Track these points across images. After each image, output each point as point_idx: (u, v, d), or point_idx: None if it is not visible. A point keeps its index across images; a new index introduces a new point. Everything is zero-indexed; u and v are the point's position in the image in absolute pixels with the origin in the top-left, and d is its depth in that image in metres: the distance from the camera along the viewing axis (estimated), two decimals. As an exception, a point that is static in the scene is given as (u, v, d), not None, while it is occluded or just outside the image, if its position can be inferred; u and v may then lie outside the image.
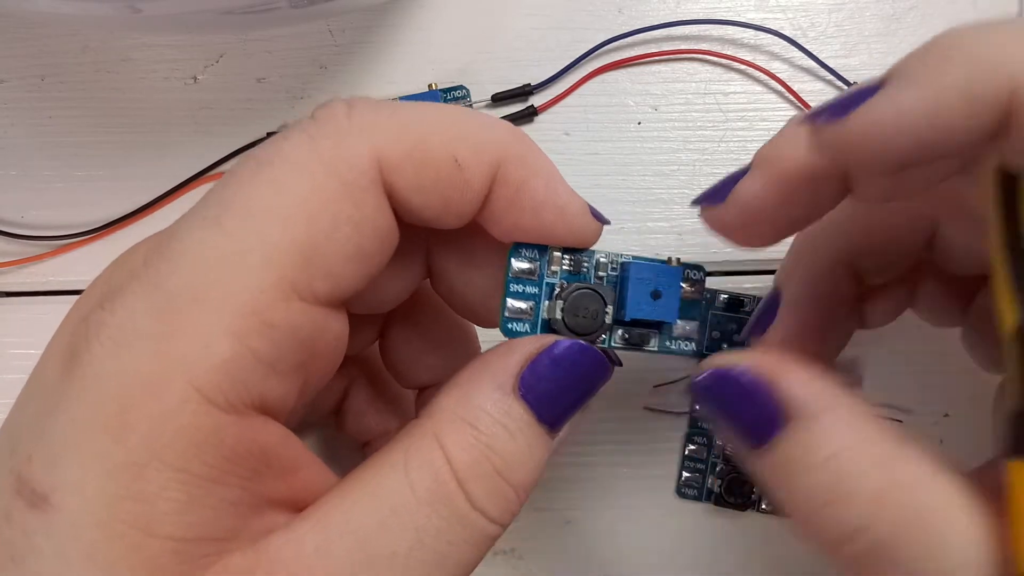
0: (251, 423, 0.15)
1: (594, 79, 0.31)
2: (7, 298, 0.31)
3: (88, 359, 0.14)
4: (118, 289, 0.15)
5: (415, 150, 0.16)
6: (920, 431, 0.31)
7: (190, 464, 0.14)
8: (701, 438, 0.30)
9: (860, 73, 0.31)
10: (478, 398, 0.17)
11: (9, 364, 0.30)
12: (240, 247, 0.15)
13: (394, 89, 0.31)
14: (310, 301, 0.15)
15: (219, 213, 0.15)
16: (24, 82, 0.31)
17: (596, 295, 0.19)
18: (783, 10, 0.32)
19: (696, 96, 0.31)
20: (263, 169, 0.16)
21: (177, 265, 0.15)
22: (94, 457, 0.14)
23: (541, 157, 0.18)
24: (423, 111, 0.17)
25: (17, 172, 0.31)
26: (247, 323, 0.14)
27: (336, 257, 0.16)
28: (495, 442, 0.17)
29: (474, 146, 0.17)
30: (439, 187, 0.17)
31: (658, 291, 0.20)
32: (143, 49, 0.31)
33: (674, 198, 0.31)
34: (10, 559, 0.14)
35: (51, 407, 0.15)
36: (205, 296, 0.14)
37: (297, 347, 0.15)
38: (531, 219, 0.18)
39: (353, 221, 0.16)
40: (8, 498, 0.14)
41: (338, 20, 0.31)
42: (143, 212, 0.30)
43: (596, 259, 0.20)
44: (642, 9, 0.31)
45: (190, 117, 0.31)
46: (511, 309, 0.19)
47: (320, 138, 0.16)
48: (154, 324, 0.14)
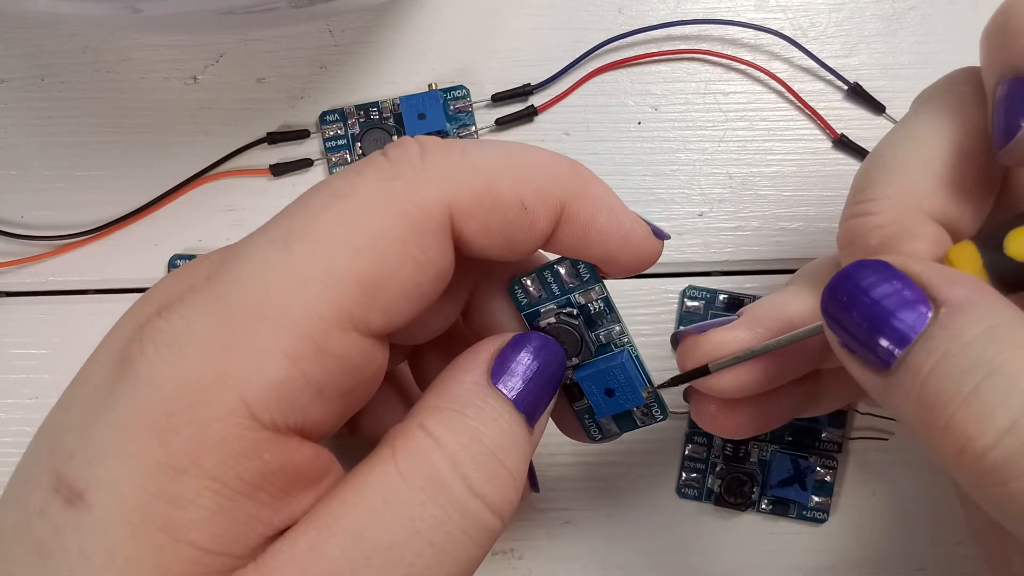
0: (289, 443, 0.15)
1: (594, 79, 0.31)
2: (7, 298, 0.31)
3: (142, 363, 0.15)
4: (178, 300, 0.15)
5: (484, 195, 0.17)
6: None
7: (226, 475, 0.14)
8: (701, 438, 0.30)
9: (860, 73, 0.31)
10: (457, 390, 0.17)
11: (9, 364, 0.30)
12: (306, 273, 0.15)
13: (394, 89, 0.31)
14: (363, 333, 0.16)
15: (288, 238, 0.16)
16: (24, 82, 0.31)
17: (573, 336, 0.20)
18: (783, 10, 0.32)
19: (696, 96, 0.31)
20: (337, 202, 0.16)
21: (241, 281, 0.15)
22: (135, 456, 0.14)
23: (601, 187, 0.19)
24: (490, 154, 0.18)
25: (17, 172, 0.31)
26: (303, 347, 0.15)
27: (395, 294, 0.16)
28: (484, 426, 0.17)
29: (540, 188, 0.17)
30: (506, 229, 0.17)
31: (610, 389, 0.20)
32: (143, 49, 0.31)
33: (674, 198, 0.31)
34: (38, 555, 0.14)
35: (97, 408, 0.15)
36: (266, 314, 0.15)
37: (345, 375, 0.16)
38: (599, 250, 0.19)
39: (417, 262, 0.16)
40: (45, 494, 0.14)
41: (338, 20, 0.31)
42: (143, 212, 0.30)
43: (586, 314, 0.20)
44: (642, 9, 0.31)
45: (190, 117, 0.31)
46: (528, 279, 0.20)
47: (395, 179, 0.16)
48: (212, 335, 0.15)
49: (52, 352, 0.30)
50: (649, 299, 0.31)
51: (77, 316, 0.30)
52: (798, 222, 0.31)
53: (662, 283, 0.31)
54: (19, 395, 0.30)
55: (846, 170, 0.31)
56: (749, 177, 0.31)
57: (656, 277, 0.31)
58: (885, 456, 0.30)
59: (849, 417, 0.30)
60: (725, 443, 0.30)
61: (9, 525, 0.15)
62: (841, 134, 0.31)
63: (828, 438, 0.30)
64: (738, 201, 0.31)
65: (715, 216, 0.31)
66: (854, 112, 0.31)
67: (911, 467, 0.30)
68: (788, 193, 0.31)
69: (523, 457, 0.17)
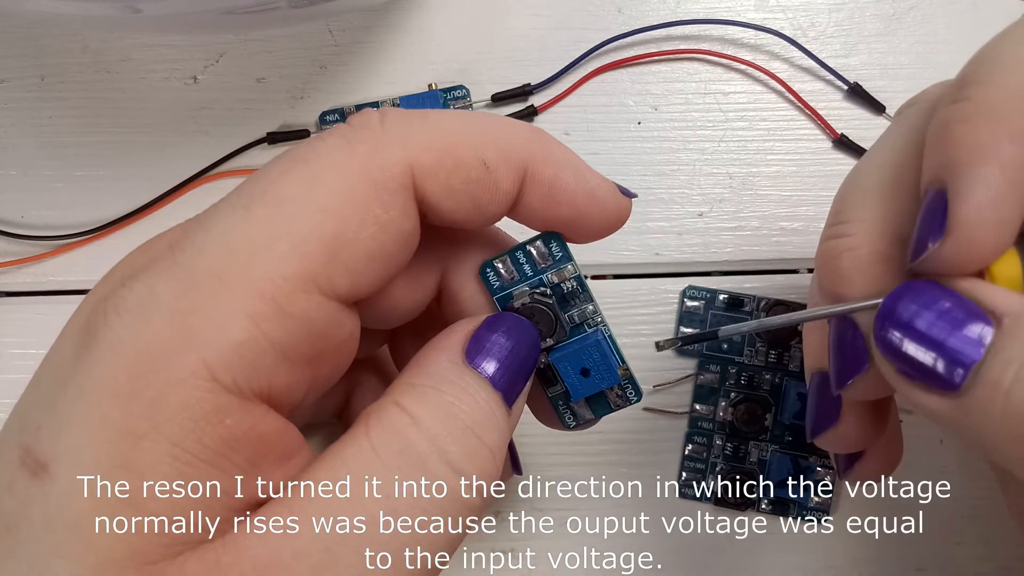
0: (254, 409, 0.15)
1: (594, 79, 0.31)
2: (7, 298, 0.31)
3: (104, 331, 0.15)
4: (140, 269, 0.15)
5: (446, 156, 0.17)
6: (920, 431, 0.30)
7: (186, 440, 0.14)
8: (701, 438, 0.30)
9: (860, 73, 0.31)
10: (432, 368, 0.17)
11: (9, 364, 0.30)
12: (267, 235, 0.15)
13: (394, 89, 0.31)
14: (329, 296, 0.16)
15: (249, 202, 0.16)
16: (24, 82, 0.31)
17: (548, 316, 0.20)
18: (783, 10, 0.32)
19: (696, 96, 0.31)
20: (298, 165, 0.16)
21: (202, 248, 0.15)
22: (98, 423, 0.14)
23: (563, 149, 0.19)
24: (451, 118, 0.18)
25: (17, 172, 0.31)
26: (265, 308, 0.15)
27: (359, 255, 0.16)
28: (461, 402, 0.17)
29: (501, 148, 0.18)
30: (470, 189, 0.17)
31: (586, 368, 0.20)
32: (143, 49, 0.31)
33: (674, 198, 0.31)
34: (5, 529, 0.14)
35: (63, 379, 0.15)
36: (227, 278, 0.15)
37: (310, 339, 0.16)
38: (568, 209, 0.19)
39: (380, 222, 0.16)
40: (13, 468, 0.14)
41: (338, 20, 0.31)
42: (143, 212, 0.30)
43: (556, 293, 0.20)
44: (642, 9, 0.31)
45: (190, 117, 0.31)
46: (499, 261, 0.20)
47: (356, 142, 0.16)
48: (174, 300, 0.15)
49: (52, 352, 0.30)
50: (649, 299, 0.31)
51: (77, 316, 0.30)
52: (798, 222, 0.31)
53: (662, 283, 0.31)
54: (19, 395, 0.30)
55: (846, 170, 0.31)
56: (749, 177, 0.31)
57: (656, 277, 0.31)
58: (885, 456, 0.30)
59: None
60: (725, 443, 0.30)
61: None
62: (841, 134, 0.31)
63: (828, 438, 0.30)
64: (738, 201, 0.31)
65: (715, 216, 0.31)
66: (854, 112, 0.31)
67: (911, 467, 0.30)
68: (788, 193, 0.31)
69: (502, 435, 0.17)
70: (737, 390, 0.30)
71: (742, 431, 0.29)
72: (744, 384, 0.30)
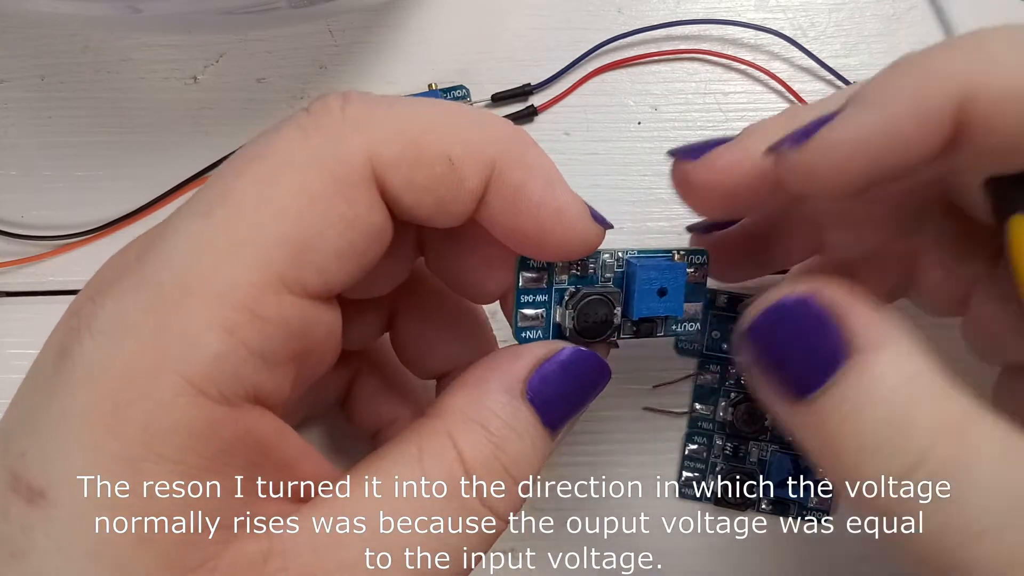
0: (246, 414, 0.15)
1: (594, 79, 0.31)
2: (7, 298, 0.31)
3: (79, 352, 0.14)
4: (108, 284, 0.15)
5: (409, 148, 0.16)
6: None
7: (187, 456, 0.14)
8: (701, 438, 0.30)
9: (860, 73, 0.31)
10: (488, 400, 0.18)
11: (9, 364, 0.30)
12: (230, 240, 0.15)
13: (394, 89, 0.31)
14: (300, 295, 0.15)
15: (208, 208, 0.15)
16: (24, 82, 0.31)
17: (605, 300, 0.20)
18: (783, 10, 0.32)
19: (696, 96, 0.31)
20: (254, 163, 0.16)
21: (167, 258, 0.15)
22: (89, 451, 0.14)
23: (540, 156, 0.18)
24: (420, 107, 0.17)
25: (17, 172, 0.31)
26: (238, 316, 0.14)
27: (327, 253, 0.16)
28: (505, 443, 0.17)
29: (470, 145, 0.17)
30: (432, 186, 0.16)
31: (664, 289, 0.20)
32: (143, 49, 0.31)
33: (674, 198, 0.31)
34: (10, 555, 0.14)
35: (42, 402, 0.15)
36: (195, 289, 0.14)
37: (288, 339, 0.15)
38: (529, 221, 0.17)
39: (345, 219, 0.16)
40: (3, 494, 0.14)
41: (338, 20, 0.31)
42: (143, 212, 0.30)
43: (602, 259, 0.20)
44: (642, 9, 0.31)
45: (190, 117, 0.31)
46: (523, 317, 0.20)
47: (313, 132, 0.16)
48: (144, 318, 0.14)
49: (52, 352, 0.30)
50: (649, 299, 0.31)
51: (77, 316, 0.30)
52: (798, 222, 0.31)
53: (662, 283, 0.31)
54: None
55: (846, 170, 0.31)
56: (749, 177, 0.31)
57: (656, 277, 0.31)
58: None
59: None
60: (725, 443, 0.30)
61: None
62: (841, 134, 0.31)
63: (828, 438, 0.30)
64: (738, 201, 0.31)
65: (715, 216, 0.31)
66: (854, 112, 0.31)
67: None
68: (788, 193, 0.31)
69: (537, 467, 0.18)
70: (737, 390, 0.30)
71: (742, 431, 0.29)
72: (744, 384, 0.30)
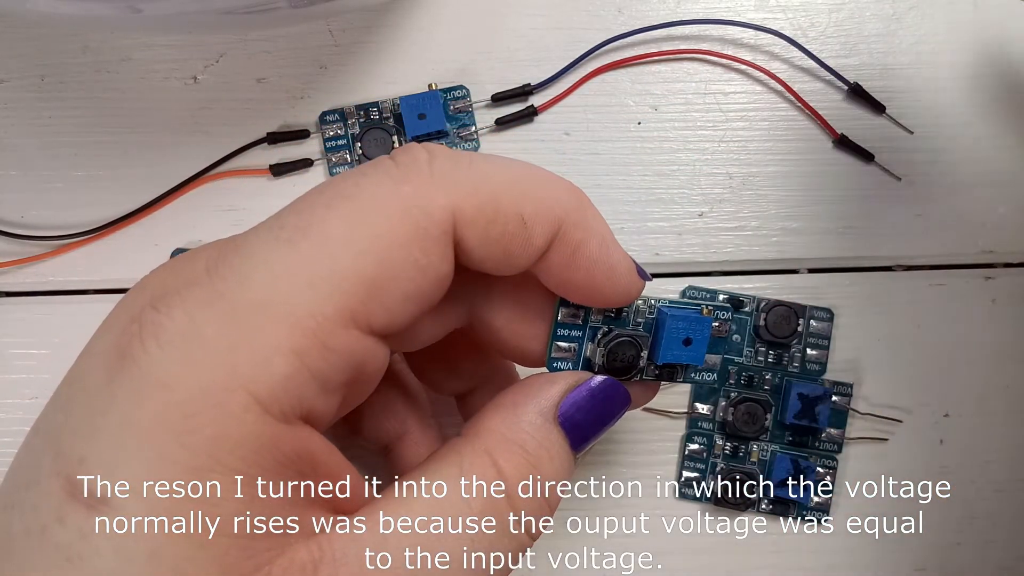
0: (300, 432, 0.16)
1: (594, 79, 0.31)
2: (7, 298, 0.31)
3: (146, 361, 0.15)
4: (174, 293, 0.16)
5: (488, 205, 0.17)
6: (920, 431, 0.31)
7: (250, 468, 0.15)
8: (701, 438, 0.30)
9: (860, 73, 0.31)
10: (524, 423, 0.19)
11: (9, 364, 0.30)
12: (311, 272, 0.16)
13: (394, 89, 0.31)
14: (365, 331, 0.16)
15: (293, 236, 0.16)
16: (24, 82, 0.31)
17: (634, 342, 0.21)
18: (783, 10, 0.32)
19: (696, 96, 0.31)
20: (343, 202, 0.16)
21: (245, 278, 0.15)
22: (155, 459, 0.14)
23: (598, 218, 0.19)
24: (497, 165, 0.18)
25: (17, 172, 0.31)
26: (308, 344, 0.15)
27: (397, 295, 0.16)
28: (540, 463, 0.18)
29: (540, 205, 0.18)
30: (504, 241, 0.18)
31: (689, 339, 0.21)
32: (143, 49, 0.31)
33: (674, 198, 0.31)
34: (66, 560, 0.14)
35: (103, 408, 0.15)
36: (272, 313, 0.15)
37: (346, 370, 0.16)
38: (583, 276, 0.19)
39: (419, 266, 0.17)
40: (59, 501, 0.14)
41: (338, 20, 0.31)
42: (143, 212, 0.30)
43: (635, 305, 0.21)
44: (642, 9, 0.31)
45: (190, 117, 0.31)
46: (558, 348, 0.21)
47: (402, 182, 0.17)
48: (219, 333, 0.15)
49: (52, 352, 0.30)
50: (649, 299, 0.31)
51: (77, 316, 0.30)
52: (798, 222, 0.31)
53: (662, 283, 0.31)
54: (19, 395, 0.30)
55: (846, 170, 0.31)
56: (749, 177, 0.31)
57: (656, 277, 0.31)
58: (885, 456, 0.30)
59: (849, 417, 0.30)
60: (725, 443, 0.30)
61: (19, 533, 0.14)
62: (841, 134, 0.31)
63: (828, 438, 0.30)
64: (738, 201, 0.31)
65: (715, 216, 0.31)
66: (854, 112, 0.31)
67: (911, 467, 0.30)
68: (788, 193, 0.31)
69: (564, 486, 0.19)
70: (737, 390, 0.30)
71: (742, 431, 0.29)
72: (744, 384, 0.30)
